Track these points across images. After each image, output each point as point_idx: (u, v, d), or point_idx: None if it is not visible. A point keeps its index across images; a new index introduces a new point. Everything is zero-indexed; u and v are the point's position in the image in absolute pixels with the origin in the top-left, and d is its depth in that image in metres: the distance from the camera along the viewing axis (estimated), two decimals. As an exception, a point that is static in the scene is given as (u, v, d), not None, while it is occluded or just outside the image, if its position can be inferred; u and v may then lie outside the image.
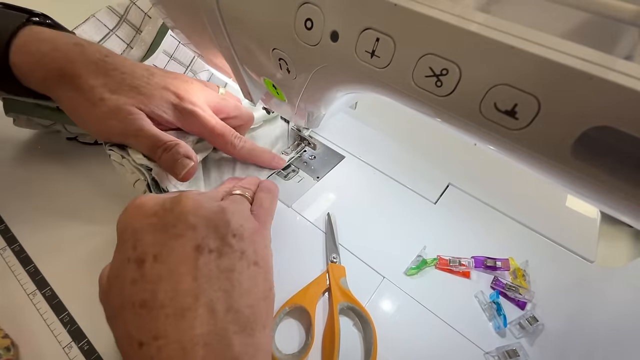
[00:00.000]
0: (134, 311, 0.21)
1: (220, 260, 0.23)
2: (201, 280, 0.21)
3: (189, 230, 0.23)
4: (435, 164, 0.44)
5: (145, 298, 0.21)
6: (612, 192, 0.16)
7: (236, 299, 0.22)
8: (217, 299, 0.21)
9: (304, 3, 0.21)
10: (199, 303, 0.21)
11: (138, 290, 0.21)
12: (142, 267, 0.22)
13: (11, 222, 0.35)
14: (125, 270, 0.22)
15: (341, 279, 0.32)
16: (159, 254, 0.22)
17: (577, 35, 0.15)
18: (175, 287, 0.21)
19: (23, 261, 0.33)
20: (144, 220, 0.23)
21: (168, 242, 0.22)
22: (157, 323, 0.20)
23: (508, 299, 0.33)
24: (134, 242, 0.23)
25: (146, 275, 0.22)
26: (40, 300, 0.30)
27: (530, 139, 0.16)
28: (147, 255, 0.22)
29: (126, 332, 0.21)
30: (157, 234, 0.23)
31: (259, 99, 0.36)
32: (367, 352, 0.29)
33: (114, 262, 0.24)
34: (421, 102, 0.20)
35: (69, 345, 0.28)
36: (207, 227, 0.23)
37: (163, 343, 0.20)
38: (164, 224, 0.23)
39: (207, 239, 0.23)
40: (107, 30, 0.45)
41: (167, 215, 0.23)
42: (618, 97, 0.13)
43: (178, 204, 0.23)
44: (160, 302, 0.21)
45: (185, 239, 0.22)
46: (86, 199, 0.38)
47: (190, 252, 0.22)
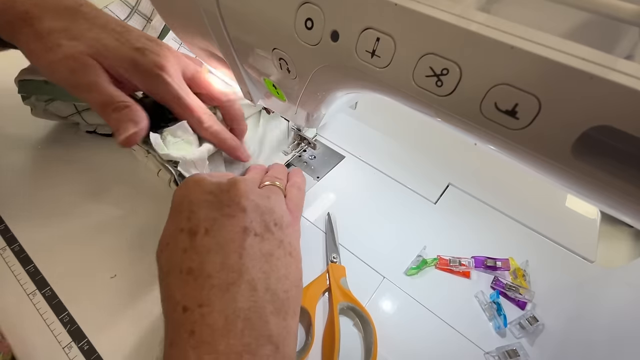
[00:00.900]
0: (180, 277, 0.22)
1: (262, 244, 0.24)
2: (246, 259, 0.23)
3: (240, 212, 0.24)
4: (435, 164, 0.44)
5: (193, 267, 0.22)
6: (612, 191, 0.16)
7: (274, 282, 0.23)
8: (258, 278, 0.23)
9: (304, 3, 0.21)
10: (243, 279, 0.22)
11: (187, 259, 0.23)
12: (193, 238, 0.23)
13: (11, 222, 0.35)
14: (177, 238, 0.24)
15: (341, 279, 0.32)
16: (210, 229, 0.24)
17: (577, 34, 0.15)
18: (223, 261, 0.23)
19: (23, 261, 0.33)
20: (201, 195, 0.25)
21: (220, 219, 0.24)
22: (203, 291, 0.22)
23: (508, 299, 0.33)
24: (189, 213, 0.24)
25: (196, 246, 0.23)
26: (40, 300, 0.30)
27: (530, 139, 0.16)
28: (200, 228, 0.24)
29: (171, 295, 0.22)
30: (211, 210, 0.24)
31: (259, 98, 0.36)
32: (367, 352, 0.29)
33: (167, 229, 0.25)
34: (421, 102, 0.19)
35: (69, 345, 0.28)
36: (255, 211, 0.25)
37: (207, 311, 0.21)
38: (219, 202, 0.25)
39: (254, 223, 0.24)
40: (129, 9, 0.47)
41: (223, 195, 0.25)
42: (619, 96, 0.13)
43: (233, 187, 0.25)
44: (207, 272, 0.22)
45: (235, 219, 0.24)
46: (87, 199, 0.38)
47: (239, 232, 0.24)
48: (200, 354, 0.20)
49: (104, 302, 0.31)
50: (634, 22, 0.13)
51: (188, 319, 0.21)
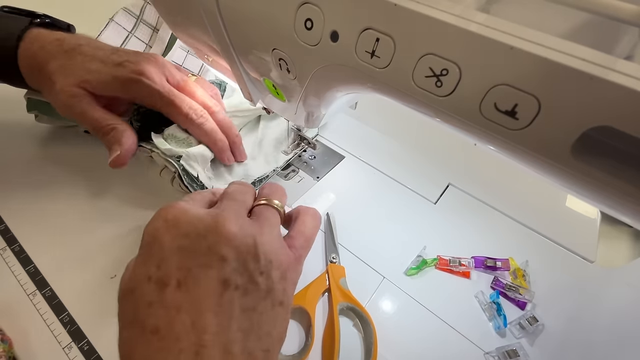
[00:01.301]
0: (143, 335, 0.20)
1: (244, 298, 0.21)
2: (222, 318, 0.20)
3: (219, 261, 0.21)
4: (435, 164, 0.44)
5: (159, 325, 0.20)
6: (612, 192, 0.16)
7: (253, 342, 0.21)
8: (234, 339, 0.20)
9: (304, 3, 0.21)
10: (216, 341, 0.20)
11: (153, 314, 0.20)
12: (163, 291, 0.20)
13: (11, 222, 0.35)
14: (144, 288, 0.21)
15: (341, 279, 0.32)
16: (183, 281, 0.21)
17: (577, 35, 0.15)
18: (195, 321, 0.20)
19: (23, 261, 0.33)
20: (175, 239, 0.22)
21: (195, 270, 0.21)
22: (169, 355, 0.19)
23: (508, 299, 0.33)
24: (159, 260, 0.21)
25: (165, 301, 0.20)
26: (40, 301, 0.30)
27: (530, 139, 0.16)
28: (171, 280, 0.21)
29: (129, 355, 0.20)
30: (185, 259, 0.21)
31: (259, 99, 0.36)
32: (367, 352, 0.29)
33: (134, 272, 0.22)
34: (421, 102, 0.19)
35: (69, 346, 0.28)
36: (237, 260, 0.22)
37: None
38: (195, 250, 0.21)
39: (235, 274, 0.21)
40: (126, 32, 0.46)
41: (200, 241, 0.22)
42: (618, 97, 0.13)
43: (213, 230, 0.22)
44: (175, 334, 0.19)
45: (213, 271, 0.21)
46: (87, 199, 0.38)
47: (216, 285, 0.21)
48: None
49: (104, 302, 0.31)
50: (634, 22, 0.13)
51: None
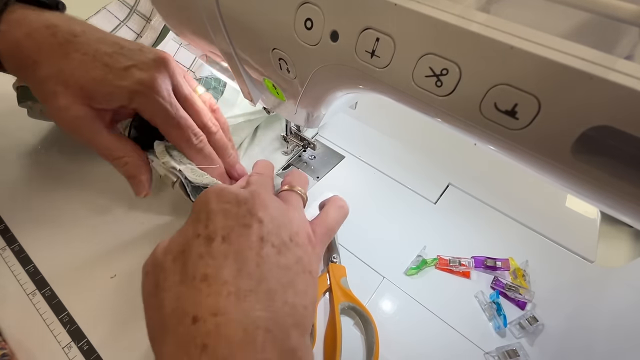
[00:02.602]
0: (193, 285, 0.21)
1: (279, 256, 0.23)
2: (264, 268, 0.22)
3: (257, 222, 0.24)
4: (435, 164, 0.44)
5: (209, 273, 0.21)
6: (612, 192, 0.16)
7: (291, 295, 0.22)
8: (276, 289, 0.22)
9: (303, 3, 0.21)
10: (261, 288, 0.21)
11: (203, 265, 0.21)
12: (210, 244, 0.22)
13: (11, 222, 0.35)
14: (193, 244, 0.23)
15: (342, 278, 0.32)
16: (227, 236, 0.23)
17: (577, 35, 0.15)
18: (240, 268, 0.21)
19: (23, 261, 0.33)
20: (219, 205, 0.24)
21: (237, 228, 0.23)
22: (219, 298, 0.20)
23: (508, 299, 0.33)
24: (207, 221, 0.24)
25: (213, 252, 0.22)
26: (39, 300, 0.30)
27: (530, 139, 0.16)
28: (217, 235, 0.23)
29: (177, 306, 0.20)
30: (228, 219, 0.24)
31: (259, 99, 0.36)
32: (368, 351, 0.29)
33: (182, 237, 0.24)
34: (421, 102, 0.19)
35: (69, 346, 0.28)
36: (272, 223, 0.24)
37: (223, 320, 0.19)
38: (237, 212, 0.24)
39: (271, 235, 0.24)
40: (117, 21, 0.46)
41: (241, 206, 0.24)
42: (618, 97, 0.13)
43: (251, 198, 0.25)
44: (223, 279, 0.21)
45: (253, 229, 0.23)
46: (87, 199, 0.38)
47: (256, 240, 0.23)
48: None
49: (104, 302, 0.31)
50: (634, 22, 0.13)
51: (199, 330, 0.19)
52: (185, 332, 0.19)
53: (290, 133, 0.42)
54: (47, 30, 0.29)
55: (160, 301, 0.22)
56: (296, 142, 0.42)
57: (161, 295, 0.22)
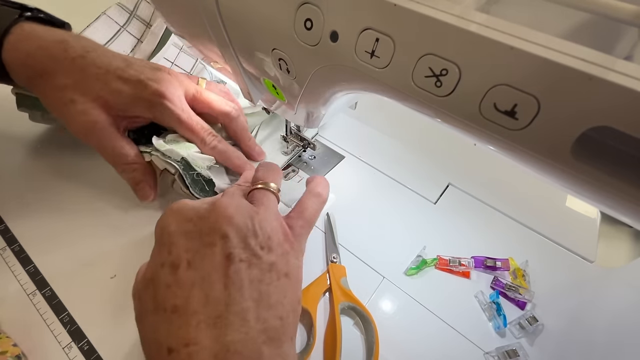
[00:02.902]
0: (165, 316, 0.21)
1: (250, 270, 0.23)
2: (232, 289, 0.22)
3: (221, 239, 0.23)
4: (435, 164, 0.44)
5: (178, 304, 0.21)
6: (611, 192, 0.16)
7: (265, 310, 0.22)
8: (247, 308, 0.22)
9: (303, 3, 0.21)
10: (230, 311, 0.21)
11: (171, 296, 0.22)
12: (176, 272, 0.22)
13: (11, 222, 0.35)
14: (159, 273, 0.23)
15: (342, 278, 0.32)
16: (192, 260, 0.23)
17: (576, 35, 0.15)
18: (207, 294, 0.21)
19: (23, 261, 0.33)
20: (180, 225, 0.24)
21: (201, 249, 0.23)
22: (189, 329, 0.20)
23: (508, 299, 0.33)
24: (170, 246, 0.23)
25: (180, 281, 0.22)
26: (40, 301, 0.30)
27: (529, 139, 0.16)
28: (182, 261, 0.23)
29: (155, 337, 0.21)
30: (191, 241, 0.23)
31: (259, 99, 0.36)
32: (368, 351, 0.29)
33: (151, 264, 0.24)
34: (421, 102, 0.19)
35: (69, 346, 0.28)
36: (237, 236, 0.23)
37: (194, 350, 0.20)
38: (199, 231, 0.24)
39: (237, 249, 0.23)
40: (118, 26, 0.46)
41: (202, 223, 0.24)
42: (618, 97, 0.13)
43: (212, 212, 0.24)
44: (192, 309, 0.21)
45: (217, 247, 0.23)
46: (87, 199, 0.38)
47: (221, 260, 0.22)
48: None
49: (104, 302, 0.31)
50: (633, 22, 0.13)
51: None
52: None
53: (290, 133, 0.42)
54: (59, 45, 0.32)
55: (141, 329, 0.23)
56: (296, 142, 0.42)
57: (141, 323, 0.23)
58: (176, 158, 0.33)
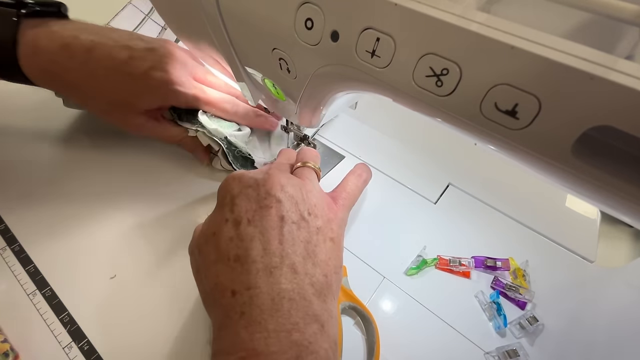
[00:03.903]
0: (228, 264, 0.24)
1: (299, 231, 0.26)
2: (285, 245, 0.25)
3: (276, 202, 0.26)
4: (435, 164, 0.44)
5: (240, 254, 0.24)
6: (612, 192, 0.16)
7: (312, 266, 0.25)
8: (298, 262, 0.24)
9: (304, 3, 0.21)
10: (284, 263, 0.24)
11: (234, 247, 0.25)
12: (238, 228, 0.25)
13: (11, 222, 0.35)
14: (223, 228, 0.26)
15: (342, 278, 0.32)
16: (252, 219, 0.26)
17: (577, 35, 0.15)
18: (265, 247, 0.24)
19: (23, 261, 0.33)
20: (241, 190, 0.27)
21: (260, 210, 0.26)
22: (250, 276, 0.23)
23: (508, 299, 0.33)
24: (232, 206, 0.27)
25: (241, 235, 0.25)
26: (40, 301, 0.30)
27: (530, 139, 0.16)
28: (243, 219, 0.26)
29: (219, 282, 0.24)
30: (251, 203, 0.26)
31: (259, 98, 0.36)
32: (369, 350, 0.29)
33: (213, 220, 0.27)
34: (421, 102, 0.19)
35: (69, 346, 0.28)
36: (289, 201, 0.27)
37: (255, 293, 0.23)
38: (257, 195, 0.27)
39: (290, 212, 0.26)
40: (143, 15, 0.47)
41: (260, 189, 0.27)
42: (619, 97, 0.13)
43: (268, 181, 0.27)
44: (252, 258, 0.24)
45: (273, 209, 0.26)
46: (87, 198, 0.38)
47: (277, 220, 0.25)
48: (252, 332, 0.22)
49: (104, 302, 0.31)
50: (634, 22, 0.13)
51: (237, 301, 0.23)
52: (227, 302, 0.23)
53: (291, 123, 0.42)
54: (64, 53, 0.33)
55: (203, 278, 0.26)
56: (296, 132, 0.42)
57: (203, 273, 0.26)
58: (220, 136, 0.37)
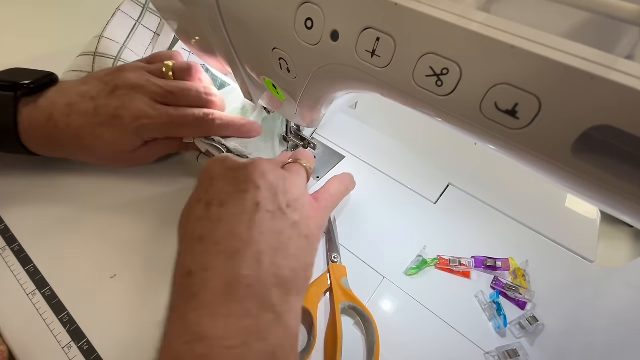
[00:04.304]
0: (191, 243, 0.24)
1: (273, 221, 0.25)
2: (254, 232, 0.24)
3: (254, 188, 0.26)
4: (435, 164, 0.44)
5: (204, 234, 0.24)
6: (612, 191, 0.16)
7: (280, 258, 0.24)
8: (263, 251, 0.24)
9: (304, 2, 0.21)
10: (249, 249, 0.23)
11: (200, 226, 0.24)
12: (208, 208, 0.25)
13: (11, 222, 0.35)
14: (194, 208, 0.26)
15: (342, 278, 0.32)
16: (224, 201, 0.25)
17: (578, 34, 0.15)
18: (232, 230, 0.24)
19: (23, 261, 0.33)
20: (221, 171, 0.27)
21: (235, 193, 0.25)
22: (210, 256, 0.23)
23: (508, 299, 0.33)
24: (208, 186, 0.26)
25: (210, 215, 0.25)
26: (39, 300, 0.30)
27: (531, 139, 0.16)
28: (215, 200, 0.25)
29: (181, 260, 0.24)
30: (228, 185, 0.26)
31: (259, 98, 0.36)
32: (369, 351, 0.29)
33: (190, 199, 0.27)
34: (422, 101, 0.19)
35: (69, 345, 0.28)
36: (269, 190, 0.26)
37: (210, 275, 0.22)
38: (236, 179, 0.26)
39: (267, 200, 0.25)
40: (133, 21, 0.46)
41: (240, 172, 0.27)
42: (619, 96, 0.13)
43: (251, 165, 0.27)
44: (216, 239, 0.23)
45: (249, 194, 0.25)
46: (87, 198, 0.38)
47: (250, 206, 0.25)
48: (200, 316, 0.21)
49: (104, 302, 0.31)
50: (634, 22, 0.13)
51: (191, 282, 0.22)
52: (181, 282, 0.23)
53: (290, 133, 0.42)
54: (49, 124, 0.33)
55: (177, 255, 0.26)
56: (296, 141, 0.42)
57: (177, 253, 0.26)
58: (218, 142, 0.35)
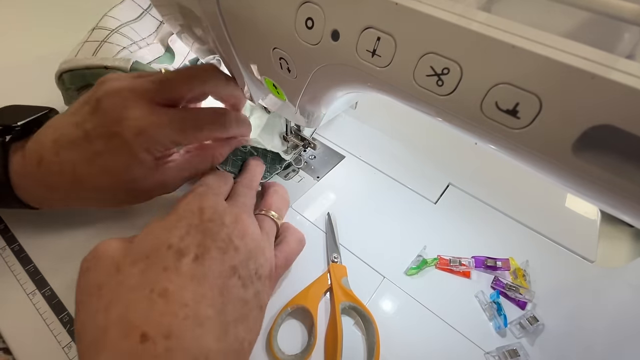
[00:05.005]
0: (150, 297, 0.19)
1: (242, 289, 0.23)
2: (226, 299, 0.22)
3: (233, 250, 0.24)
4: (435, 164, 0.44)
5: (170, 289, 0.20)
6: (613, 191, 0.16)
7: (242, 331, 0.22)
8: (230, 322, 0.22)
9: (304, 2, 0.21)
10: (219, 319, 0.21)
11: (165, 278, 0.20)
12: (180, 259, 0.21)
13: (11, 222, 0.35)
14: (161, 253, 0.21)
15: (342, 278, 0.32)
16: (201, 256, 0.22)
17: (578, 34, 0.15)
18: (205, 293, 0.21)
19: (23, 261, 0.33)
20: (202, 222, 0.24)
21: (213, 250, 0.23)
22: (174, 320, 0.19)
23: (508, 299, 0.33)
24: (184, 234, 0.23)
25: (181, 268, 0.21)
26: (39, 300, 0.30)
27: (531, 138, 0.16)
28: (190, 252, 0.22)
29: (125, 316, 0.19)
30: (207, 239, 0.23)
31: (259, 98, 0.36)
32: (369, 351, 0.29)
33: (151, 240, 0.22)
34: (422, 101, 0.19)
35: (69, 345, 0.28)
36: (245, 255, 0.24)
37: (174, 345, 0.18)
38: (217, 233, 0.24)
39: (242, 267, 0.24)
40: (141, 10, 0.46)
41: (222, 229, 0.24)
42: (620, 96, 0.13)
43: (234, 222, 0.25)
44: (184, 300, 0.20)
45: (228, 255, 0.23)
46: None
47: (228, 269, 0.23)
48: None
49: (104, 302, 0.31)
50: (635, 21, 0.13)
51: (147, 351, 0.17)
52: (129, 349, 0.17)
53: (290, 132, 0.42)
54: (39, 170, 0.28)
55: (104, 305, 0.20)
56: (296, 141, 0.42)
57: (106, 298, 0.20)
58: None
